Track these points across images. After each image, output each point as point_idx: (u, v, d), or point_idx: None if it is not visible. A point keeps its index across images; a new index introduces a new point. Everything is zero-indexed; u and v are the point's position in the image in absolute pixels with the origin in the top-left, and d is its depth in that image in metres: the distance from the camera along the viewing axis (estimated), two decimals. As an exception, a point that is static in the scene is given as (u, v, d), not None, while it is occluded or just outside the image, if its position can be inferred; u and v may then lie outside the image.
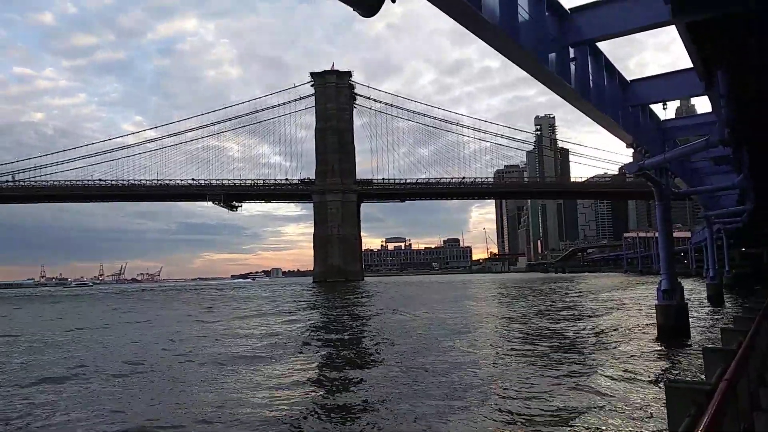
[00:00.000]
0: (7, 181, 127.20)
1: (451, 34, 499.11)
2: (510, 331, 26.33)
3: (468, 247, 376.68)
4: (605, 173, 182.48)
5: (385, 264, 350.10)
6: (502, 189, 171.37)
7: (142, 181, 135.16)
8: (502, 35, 11.97)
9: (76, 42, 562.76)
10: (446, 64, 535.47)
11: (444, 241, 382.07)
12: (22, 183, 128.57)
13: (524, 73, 14.67)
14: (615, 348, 20.13)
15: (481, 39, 12.17)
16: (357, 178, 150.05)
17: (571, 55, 15.57)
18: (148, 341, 25.70)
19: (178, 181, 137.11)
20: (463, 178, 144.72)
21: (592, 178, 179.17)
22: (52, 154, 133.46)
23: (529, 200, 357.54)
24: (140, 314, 47.10)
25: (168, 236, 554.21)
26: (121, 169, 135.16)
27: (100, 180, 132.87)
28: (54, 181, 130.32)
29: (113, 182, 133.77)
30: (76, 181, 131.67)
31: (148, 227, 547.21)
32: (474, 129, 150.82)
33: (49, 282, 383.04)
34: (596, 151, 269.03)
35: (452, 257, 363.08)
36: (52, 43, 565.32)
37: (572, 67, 15.60)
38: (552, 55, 14.41)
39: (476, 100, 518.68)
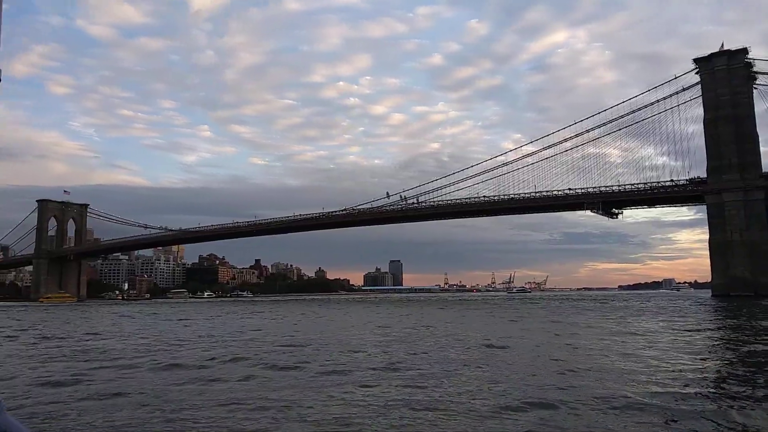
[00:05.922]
0: (413, 203, 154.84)
1: None
2: None
3: None
4: None
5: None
6: None
7: (521, 195, 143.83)
8: None
9: (458, 75, 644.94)
10: None
11: None
12: (424, 204, 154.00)
13: None
14: None
15: None
16: (764, 171, 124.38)
17: None
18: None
19: (555, 192, 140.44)
20: None
21: None
22: (445, 177, 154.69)
23: None
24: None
25: (551, 246, 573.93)
26: (502, 185, 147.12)
27: (484, 196, 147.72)
28: (448, 200, 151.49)
29: (495, 197, 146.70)
30: (466, 199, 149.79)
31: (532, 238, 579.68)
32: None
33: (450, 288, 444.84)
34: None
35: None
36: (440, 81, 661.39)
37: None
38: None
39: None
